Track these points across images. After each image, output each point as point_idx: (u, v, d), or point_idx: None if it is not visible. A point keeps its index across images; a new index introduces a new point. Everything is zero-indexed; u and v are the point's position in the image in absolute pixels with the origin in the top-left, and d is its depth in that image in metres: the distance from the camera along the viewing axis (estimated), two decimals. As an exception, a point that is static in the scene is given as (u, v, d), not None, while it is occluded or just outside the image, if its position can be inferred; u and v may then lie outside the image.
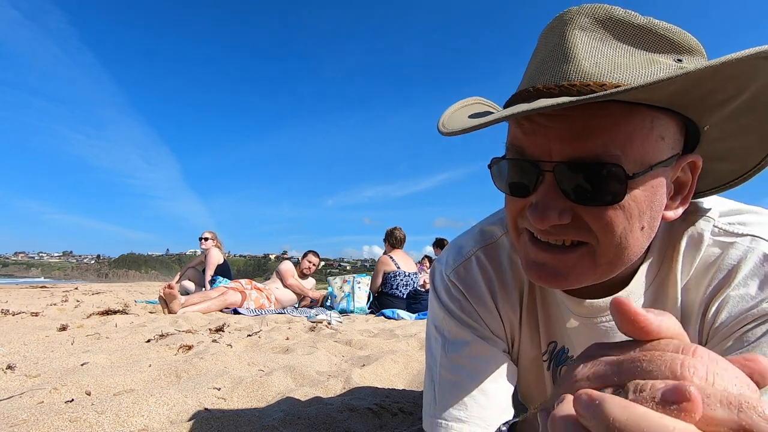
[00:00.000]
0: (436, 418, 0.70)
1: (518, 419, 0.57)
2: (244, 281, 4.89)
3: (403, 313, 4.49)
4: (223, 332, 2.82)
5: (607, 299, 0.66)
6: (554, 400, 0.31)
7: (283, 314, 4.25)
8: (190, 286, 5.77)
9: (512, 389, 0.73)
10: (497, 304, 0.75)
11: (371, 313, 4.87)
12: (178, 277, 5.93)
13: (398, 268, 5.05)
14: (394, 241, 5.30)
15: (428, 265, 7.23)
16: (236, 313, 4.24)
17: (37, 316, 3.32)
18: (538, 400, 0.83)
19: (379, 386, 1.67)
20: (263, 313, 4.30)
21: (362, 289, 5.04)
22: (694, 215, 0.65)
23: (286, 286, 5.29)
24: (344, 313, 4.77)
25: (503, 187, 0.60)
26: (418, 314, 4.52)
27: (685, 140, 0.58)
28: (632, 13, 0.54)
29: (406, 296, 4.90)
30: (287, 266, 5.44)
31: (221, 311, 4.31)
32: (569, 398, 0.28)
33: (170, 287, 4.01)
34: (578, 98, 0.47)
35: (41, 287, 6.86)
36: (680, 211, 0.60)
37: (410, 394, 1.61)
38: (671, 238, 0.65)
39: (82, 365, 1.78)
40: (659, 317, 0.30)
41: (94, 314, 3.46)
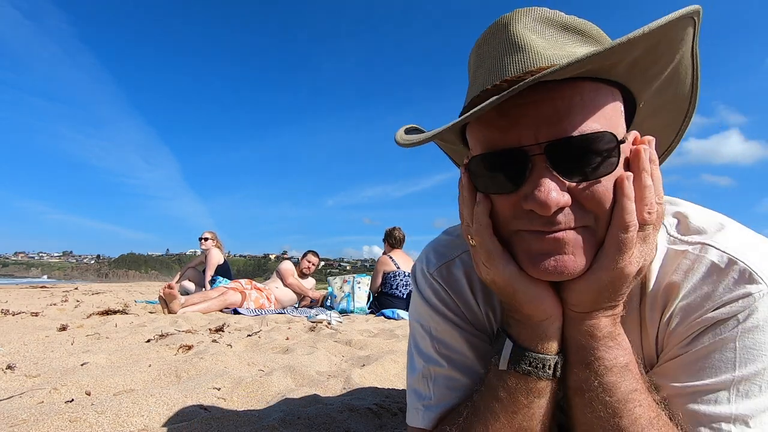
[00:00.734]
0: (435, 411, 0.71)
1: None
2: (244, 281, 4.89)
3: (403, 313, 4.49)
4: (223, 332, 2.82)
5: None
6: None
7: (283, 314, 4.25)
8: (190, 286, 5.78)
9: None
10: (479, 303, 0.75)
11: (371, 313, 4.87)
12: (178, 277, 5.93)
13: (398, 268, 5.06)
14: (393, 241, 5.30)
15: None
16: (236, 313, 4.24)
17: (37, 316, 3.32)
18: None
19: (379, 386, 1.67)
20: (263, 313, 4.30)
21: (362, 289, 5.05)
22: None
23: (286, 285, 5.29)
24: (344, 313, 4.77)
25: (488, 185, 0.58)
26: (409, 312, 4.51)
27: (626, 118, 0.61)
28: (559, 12, 0.60)
29: (406, 296, 4.90)
30: (287, 266, 5.45)
31: (221, 311, 4.31)
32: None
33: (170, 287, 4.02)
34: (569, 62, 0.47)
35: (41, 287, 6.86)
36: None
37: (407, 387, 1.60)
38: None
39: (82, 365, 1.78)
40: None
41: (94, 314, 3.46)
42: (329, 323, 3.47)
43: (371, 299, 5.08)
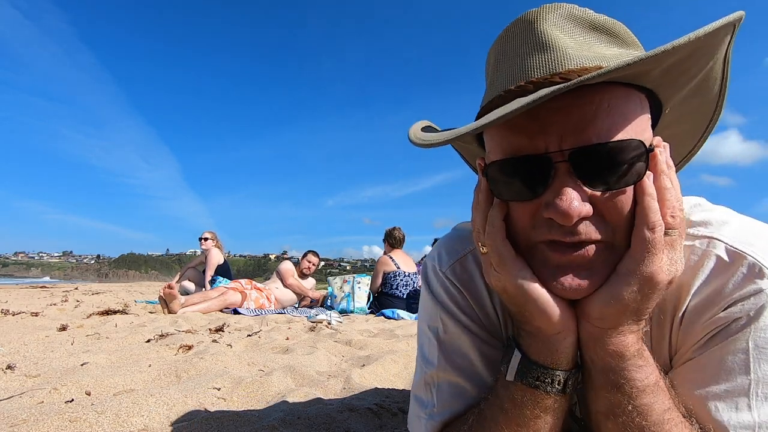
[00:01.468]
0: (438, 420, 0.68)
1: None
2: (244, 281, 4.90)
3: (403, 313, 4.49)
4: (223, 332, 2.82)
5: None
6: None
7: (283, 314, 4.25)
8: (190, 286, 5.78)
9: None
10: (494, 303, 0.71)
11: (371, 313, 4.87)
12: (178, 277, 5.93)
13: (398, 268, 5.06)
14: (393, 241, 5.30)
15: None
16: (236, 313, 4.24)
17: (37, 316, 3.32)
18: None
19: (379, 386, 1.67)
20: (263, 313, 4.30)
21: (362, 289, 5.05)
22: None
23: (286, 285, 5.29)
24: (344, 313, 4.77)
25: (507, 192, 0.56)
26: (418, 314, 4.51)
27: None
28: (588, 10, 0.57)
29: (406, 296, 4.90)
30: (287, 266, 5.45)
31: (221, 311, 4.31)
32: None
33: (170, 287, 4.02)
34: (604, 71, 0.45)
35: (41, 287, 6.86)
36: None
37: (410, 394, 1.60)
38: None
39: (82, 365, 1.78)
40: None
41: (94, 314, 3.46)
42: (329, 323, 3.47)
43: (371, 299, 5.08)
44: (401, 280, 4.96)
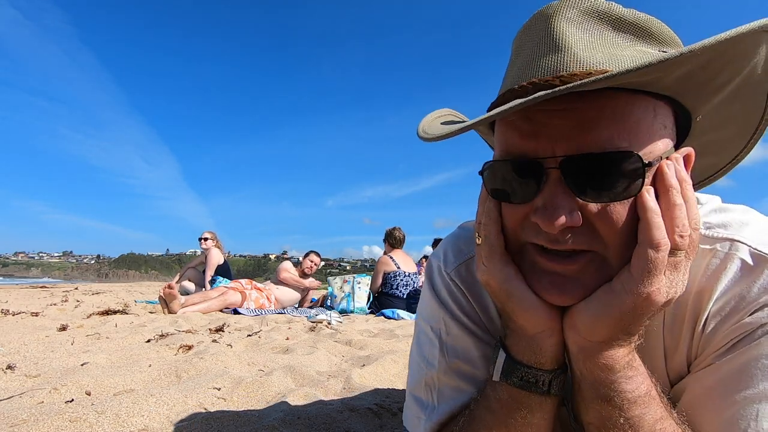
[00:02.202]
0: (436, 421, 0.68)
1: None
2: (244, 281, 4.90)
3: (403, 313, 4.49)
4: (223, 332, 2.82)
5: None
6: None
7: (283, 314, 4.25)
8: (190, 286, 5.78)
9: None
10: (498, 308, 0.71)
11: (371, 313, 4.87)
12: (178, 277, 5.93)
13: (398, 268, 5.06)
14: (393, 241, 5.30)
15: (428, 265, 7.21)
16: (236, 313, 4.24)
17: (37, 316, 3.32)
18: None
19: (379, 386, 1.67)
20: (263, 313, 4.30)
21: (362, 289, 5.05)
22: None
23: (280, 279, 5.28)
24: (344, 313, 4.77)
25: (500, 193, 0.55)
26: (417, 310, 4.50)
27: (677, 133, 0.56)
28: (614, 4, 0.54)
29: (406, 296, 4.90)
30: (284, 264, 5.45)
31: (221, 311, 4.31)
32: None
33: (170, 287, 4.02)
34: (594, 78, 0.43)
35: (41, 287, 6.86)
36: None
37: (406, 392, 1.60)
38: None
39: (82, 365, 1.78)
40: None
41: (94, 314, 3.46)
42: (329, 323, 3.47)
43: (371, 299, 5.08)
44: (401, 280, 4.96)
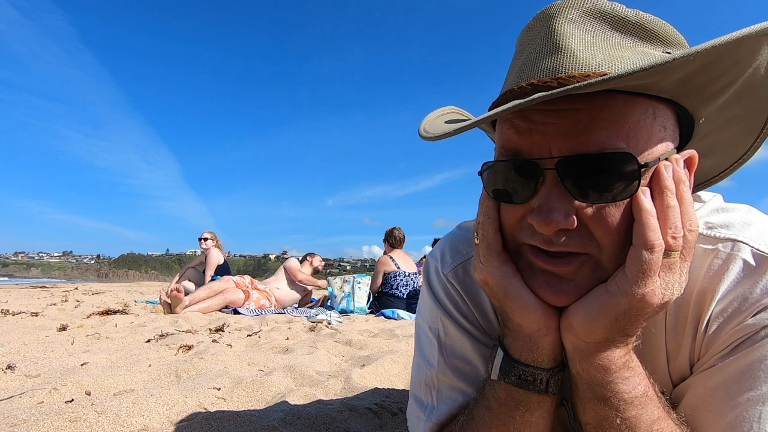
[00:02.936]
0: (436, 421, 0.69)
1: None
2: (247, 278, 4.86)
3: (403, 313, 4.49)
4: (223, 332, 2.82)
5: None
6: None
7: (283, 314, 4.25)
8: (190, 286, 5.77)
9: None
10: (496, 308, 0.70)
11: (371, 313, 4.87)
12: (178, 277, 5.93)
13: (398, 268, 5.06)
14: (393, 241, 5.30)
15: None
16: (236, 313, 4.24)
17: (37, 316, 3.32)
18: None
19: (379, 386, 1.67)
20: (263, 313, 4.30)
21: (362, 289, 5.05)
22: None
23: (297, 281, 5.27)
24: (344, 313, 4.77)
25: (498, 193, 0.55)
26: (417, 310, 4.50)
27: (679, 134, 0.56)
28: (618, 4, 0.54)
29: (406, 296, 4.90)
30: (295, 263, 5.41)
31: (221, 311, 4.31)
32: None
33: (178, 290, 4.00)
34: (588, 82, 0.43)
35: (41, 287, 6.86)
36: None
37: (409, 392, 1.61)
38: None
39: (82, 365, 1.78)
40: None
41: (94, 314, 3.46)
42: (329, 323, 3.47)
43: (371, 299, 5.08)
44: (401, 280, 4.96)
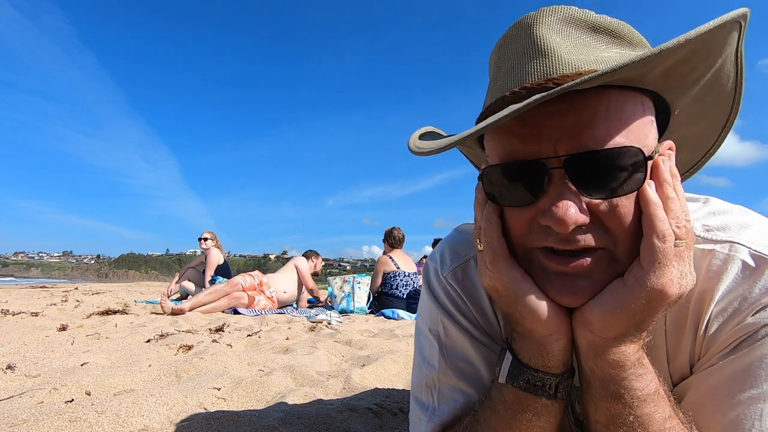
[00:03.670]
0: (438, 422, 0.68)
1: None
2: (257, 277, 4.76)
3: (403, 313, 4.49)
4: (223, 332, 2.82)
5: None
6: None
7: (283, 314, 4.24)
8: (190, 286, 5.78)
9: None
10: (495, 309, 0.71)
11: (371, 313, 4.87)
12: (177, 277, 5.93)
13: (398, 268, 5.06)
14: (393, 241, 5.30)
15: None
16: (236, 313, 4.24)
17: (37, 316, 3.32)
18: None
19: (379, 386, 1.67)
20: (263, 313, 4.30)
21: (362, 289, 5.04)
22: None
23: (308, 288, 5.27)
24: (344, 313, 4.77)
25: (504, 197, 0.55)
26: (417, 312, 4.50)
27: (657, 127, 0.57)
28: (588, 11, 0.56)
29: (406, 296, 4.90)
30: (306, 266, 5.35)
31: (221, 311, 4.31)
32: None
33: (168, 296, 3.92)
34: (592, 76, 0.44)
35: (41, 287, 6.87)
36: None
37: (410, 394, 1.61)
38: None
39: (82, 365, 1.78)
40: None
41: (94, 314, 3.46)
42: (329, 323, 3.47)
43: (371, 299, 5.08)
44: (401, 280, 4.96)
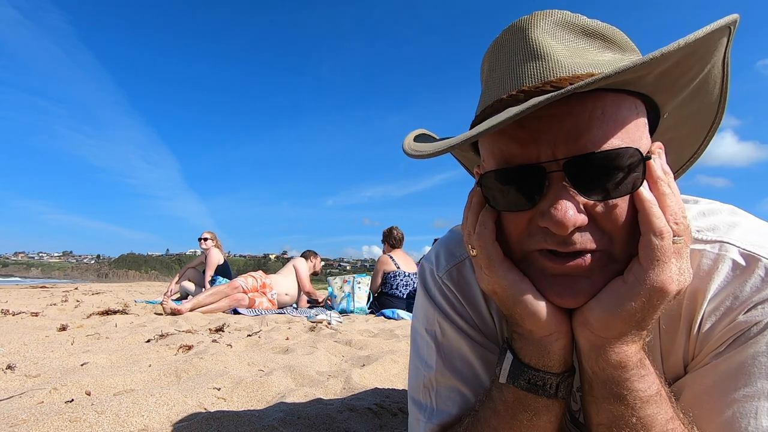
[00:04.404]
0: (437, 423, 0.68)
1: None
2: (259, 278, 4.74)
3: (403, 313, 4.49)
4: (223, 332, 2.82)
5: None
6: None
7: (283, 314, 4.25)
8: (190, 286, 5.77)
9: None
10: (491, 309, 0.71)
11: (371, 313, 4.87)
12: (177, 277, 5.93)
13: (398, 267, 5.06)
14: (393, 240, 5.30)
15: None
16: (236, 313, 4.24)
17: (37, 316, 3.32)
18: None
19: (379, 386, 1.67)
20: (263, 313, 4.30)
21: (362, 289, 5.04)
22: None
23: (306, 291, 5.27)
24: (344, 313, 4.77)
25: (502, 201, 0.55)
26: (413, 313, 4.49)
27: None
28: (580, 15, 0.56)
29: (405, 296, 4.90)
30: (305, 268, 5.35)
31: (221, 312, 4.31)
32: None
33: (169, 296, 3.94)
34: (593, 79, 0.45)
35: (41, 287, 6.87)
36: None
37: (408, 395, 1.60)
38: None
39: (82, 365, 1.78)
40: None
41: (94, 314, 3.46)
42: (329, 323, 3.47)
43: (371, 299, 5.08)
44: (401, 280, 4.96)
